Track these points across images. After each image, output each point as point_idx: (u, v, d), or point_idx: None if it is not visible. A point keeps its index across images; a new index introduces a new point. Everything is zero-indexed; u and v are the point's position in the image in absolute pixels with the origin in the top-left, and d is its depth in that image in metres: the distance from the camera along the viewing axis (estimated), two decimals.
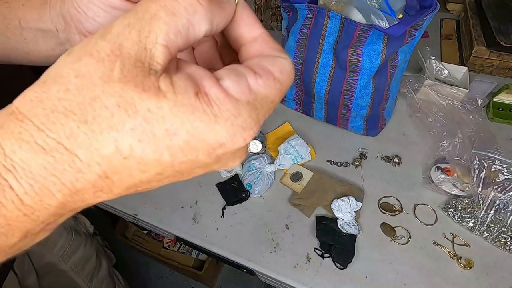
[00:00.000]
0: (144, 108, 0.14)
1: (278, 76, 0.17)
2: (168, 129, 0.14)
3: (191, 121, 0.15)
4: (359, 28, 0.61)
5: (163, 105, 0.14)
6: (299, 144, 0.74)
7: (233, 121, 0.15)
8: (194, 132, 0.15)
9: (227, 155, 0.17)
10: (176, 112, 0.15)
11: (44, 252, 0.74)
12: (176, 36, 0.16)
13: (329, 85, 0.72)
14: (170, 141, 0.15)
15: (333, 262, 0.62)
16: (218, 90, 0.16)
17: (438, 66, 0.87)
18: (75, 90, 0.14)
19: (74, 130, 0.14)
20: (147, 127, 0.14)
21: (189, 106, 0.15)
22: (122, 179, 0.15)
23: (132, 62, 0.15)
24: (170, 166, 0.15)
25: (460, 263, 0.61)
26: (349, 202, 0.65)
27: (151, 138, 0.14)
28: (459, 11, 1.13)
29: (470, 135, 0.73)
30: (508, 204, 0.63)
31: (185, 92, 0.15)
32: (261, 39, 0.19)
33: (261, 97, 0.17)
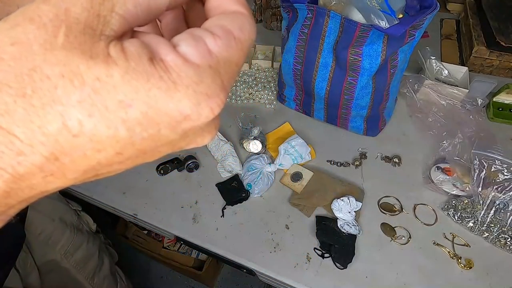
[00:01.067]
0: (92, 77, 0.12)
1: (238, 35, 0.16)
2: (121, 100, 0.13)
3: (146, 89, 0.13)
4: (359, 28, 0.61)
5: (113, 73, 0.13)
6: (299, 144, 0.74)
7: (195, 88, 0.14)
8: (151, 102, 0.13)
9: (195, 130, 0.15)
10: (129, 80, 0.13)
11: (46, 250, 0.74)
12: (136, 7, 0.14)
13: (329, 85, 0.72)
14: (125, 114, 0.13)
15: (333, 262, 0.62)
16: (175, 56, 0.14)
17: (438, 66, 0.87)
18: (11, 60, 0.12)
19: (10, 106, 0.12)
20: (97, 99, 0.12)
21: (143, 72, 0.13)
22: (75, 161, 0.13)
23: (80, 28, 0.13)
24: (129, 144, 0.14)
25: (460, 263, 0.61)
26: (349, 202, 0.65)
27: (103, 111, 0.13)
28: (459, 11, 1.13)
29: (470, 135, 0.73)
30: (508, 204, 0.63)
31: (138, 58, 0.13)
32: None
33: (223, 60, 0.15)
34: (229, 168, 0.74)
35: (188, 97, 0.14)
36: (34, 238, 0.72)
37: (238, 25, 0.16)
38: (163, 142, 0.15)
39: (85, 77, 0.12)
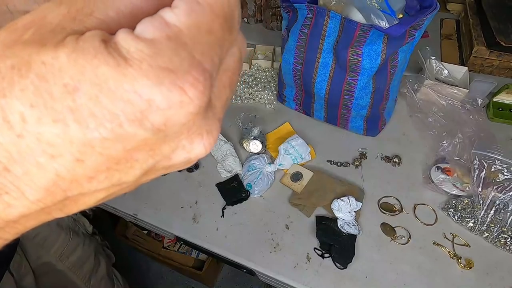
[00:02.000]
0: (38, 62, 0.11)
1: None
2: (66, 83, 0.11)
3: (94, 66, 0.11)
4: (359, 28, 0.61)
5: (59, 54, 0.11)
6: (299, 144, 0.74)
7: (150, 61, 0.11)
8: (100, 81, 0.11)
9: (174, 127, 0.12)
10: (75, 59, 0.11)
11: (41, 253, 0.74)
12: (118, 15, 0.13)
13: (329, 85, 0.72)
14: (72, 101, 0.11)
15: (333, 262, 0.62)
16: (127, 34, 0.12)
17: (438, 66, 0.87)
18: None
19: None
20: (40, 85, 0.11)
21: (90, 49, 0.11)
22: (29, 172, 0.11)
23: (51, 28, 0.12)
24: (88, 146, 0.11)
25: (460, 263, 0.61)
26: (349, 202, 0.65)
27: (47, 99, 0.11)
28: (459, 11, 1.13)
29: (470, 135, 0.73)
30: (508, 204, 0.63)
31: (90, 38, 0.11)
32: None
33: (187, 28, 0.12)
34: (229, 168, 0.74)
35: (144, 73, 0.11)
36: (29, 241, 0.72)
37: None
38: (134, 143, 0.12)
39: (32, 63, 0.11)
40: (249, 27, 1.14)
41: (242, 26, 1.16)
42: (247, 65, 0.96)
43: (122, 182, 0.13)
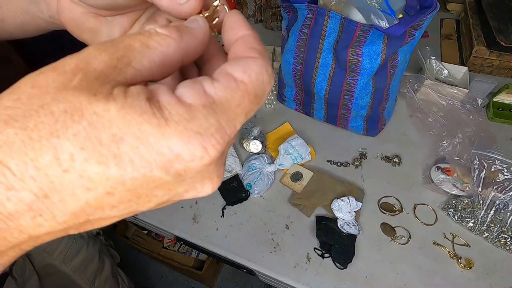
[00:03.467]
0: (91, 112, 0.13)
1: (240, 77, 0.16)
2: (114, 133, 0.13)
3: (138, 123, 0.13)
4: (359, 28, 0.61)
5: (110, 107, 0.13)
6: (299, 144, 0.74)
7: (186, 124, 0.14)
8: (142, 136, 0.13)
9: (191, 173, 0.15)
10: (124, 114, 0.13)
11: (44, 256, 0.73)
12: (150, 63, 0.15)
13: (329, 85, 0.72)
14: (117, 149, 0.13)
15: (333, 262, 0.62)
16: (170, 96, 0.15)
17: (438, 66, 0.87)
18: (25, 99, 0.13)
19: (11, 137, 0.12)
20: (91, 132, 0.13)
21: (138, 108, 0.13)
22: (64, 199, 0.13)
23: (95, 75, 0.14)
24: (120, 184, 0.13)
25: (460, 263, 0.61)
26: (349, 202, 0.65)
27: (96, 144, 0.13)
28: (459, 11, 1.13)
29: (470, 135, 0.73)
30: (508, 204, 0.63)
31: (136, 96, 0.14)
32: (242, 39, 0.18)
33: (220, 100, 0.15)
34: (229, 168, 0.74)
35: (178, 133, 0.14)
36: None
37: (242, 67, 0.16)
38: (157, 184, 0.14)
39: (84, 111, 0.13)
40: None
41: None
42: None
43: (137, 211, 0.16)
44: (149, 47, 0.16)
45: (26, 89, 0.13)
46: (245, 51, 0.17)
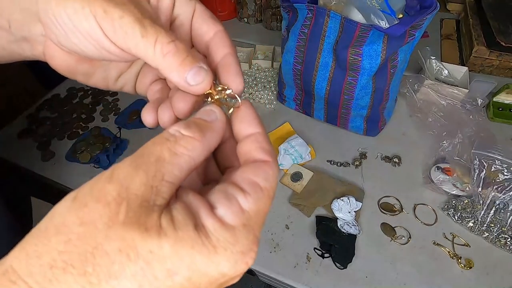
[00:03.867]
0: (146, 250, 0.14)
1: (264, 186, 0.18)
2: (169, 269, 0.14)
3: (191, 256, 0.15)
4: (359, 28, 0.61)
5: (163, 244, 0.14)
6: (299, 144, 0.74)
7: (232, 249, 0.16)
8: (194, 267, 0.15)
9: (229, 280, 0.17)
10: (177, 250, 0.15)
11: None
12: (181, 172, 0.17)
13: (329, 85, 0.72)
14: (171, 282, 0.14)
15: (333, 262, 0.62)
16: (214, 220, 0.16)
17: (438, 66, 0.87)
18: (77, 240, 0.14)
19: (71, 285, 0.13)
20: (148, 271, 0.14)
21: (188, 240, 0.15)
22: None
23: (138, 202, 0.15)
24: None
25: (460, 263, 0.61)
26: (349, 202, 0.65)
27: (152, 281, 0.14)
28: (459, 11, 1.13)
29: (470, 135, 0.73)
30: (508, 204, 0.63)
31: (185, 227, 0.15)
32: (253, 137, 0.20)
33: (254, 213, 0.17)
34: None
35: (226, 258, 0.16)
36: None
37: (264, 176, 0.18)
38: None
39: (139, 250, 0.14)
40: (249, 27, 1.14)
41: (242, 26, 1.16)
42: (247, 65, 0.96)
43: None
44: (177, 154, 0.17)
45: (74, 227, 0.14)
46: (259, 152, 0.19)
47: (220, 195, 0.17)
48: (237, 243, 0.16)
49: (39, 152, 0.79)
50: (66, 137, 0.83)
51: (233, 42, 0.25)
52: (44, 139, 0.82)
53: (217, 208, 0.17)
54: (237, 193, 0.17)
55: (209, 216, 0.16)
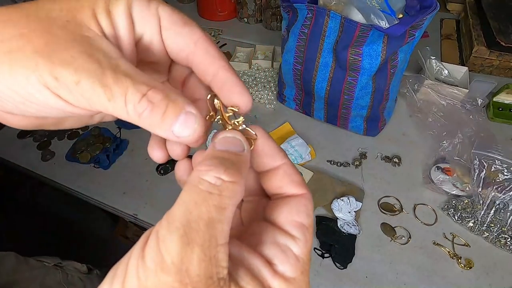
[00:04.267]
0: None
1: (308, 223, 0.18)
2: None
3: None
4: (359, 28, 0.61)
5: None
6: (299, 144, 0.74)
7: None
8: None
9: None
10: None
11: None
12: (229, 225, 0.16)
13: (329, 85, 0.72)
14: None
15: (333, 262, 0.62)
16: (279, 280, 0.16)
17: (438, 66, 0.87)
18: None
19: None
20: None
21: None
22: None
23: (203, 283, 0.14)
24: None
25: (460, 263, 0.61)
26: (349, 202, 0.65)
27: None
28: (459, 11, 1.13)
29: (470, 135, 0.73)
30: (508, 204, 0.63)
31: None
32: (282, 171, 0.20)
33: (306, 257, 0.18)
34: None
35: None
36: None
37: (305, 213, 0.19)
38: None
39: None
40: (249, 27, 1.14)
41: (242, 26, 1.16)
42: (247, 65, 0.96)
43: None
44: (223, 208, 0.15)
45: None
46: (293, 186, 0.20)
47: (275, 250, 0.17)
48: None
49: (39, 152, 0.79)
50: (66, 137, 0.83)
51: (219, 49, 0.21)
52: (44, 139, 0.82)
53: (276, 265, 0.17)
54: (289, 242, 0.17)
55: (274, 277, 0.16)
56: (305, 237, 0.18)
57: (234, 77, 0.20)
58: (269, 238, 0.18)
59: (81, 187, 0.73)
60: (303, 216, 0.18)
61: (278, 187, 0.20)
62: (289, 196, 0.19)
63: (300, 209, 0.18)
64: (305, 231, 0.18)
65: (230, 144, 0.18)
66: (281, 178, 0.19)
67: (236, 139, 0.18)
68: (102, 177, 0.74)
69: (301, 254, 0.17)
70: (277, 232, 0.18)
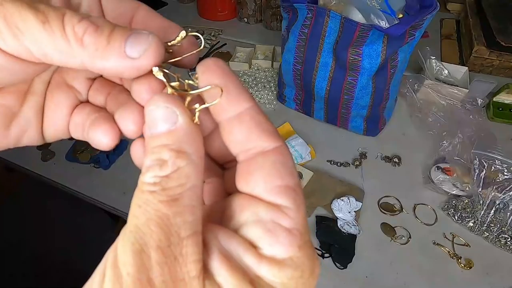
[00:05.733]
0: None
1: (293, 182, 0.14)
2: None
3: None
4: (359, 28, 0.61)
5: None
6: (299, 144, 0.74)
7: (300, 280, 0.13)
8: None
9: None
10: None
11: None
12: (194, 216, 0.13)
13: (329, 85, 0.72)
14: None
15: (333, 262, 0.62)
16: (268, 265, 0.13)
17: (438, 66, 0.87)
18: None
19: None
20: None
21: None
22: None
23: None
24: None
25: (460, 263, 0.61)
26: (349, 202, 0.65)
27: None
28: (459, 11, 1.13)
29: (470, 135, 0.73)
30: (508, 204, 0.63)
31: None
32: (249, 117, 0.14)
33: (302, 226, 0.14)
34: None
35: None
36: None
37: (288, 171, 0.14)
38: None
39: None
40: (249, 27, 1.14)
41: (242, 26, 1.16)
42: (247, 65, 0.96)
43: None
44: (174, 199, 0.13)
45: None
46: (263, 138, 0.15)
47: (257, 229, 0.14)
48: (302, 272, 0.13)
49: (39, 152, 0.79)
50: None
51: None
52: None
53: (262, 249, 0.13)
54: (276, 215, 0.14)
55: (260, 264, 0.13)
56: (296, 202, 0.14)
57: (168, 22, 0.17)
58: (247, 216, 0.14)
59: (81, 187, 0.73)
60: (286, 176, 0.14)
61: (243, 142, 0.14)
62: (259, 153, 0.14)
63: (280, 168, 0.14)
64: (294, 194, 0.14)
65: (160, 120, 0.14)
66: (248, 126, 0.14)
67: (164, 108, 0.14)
68: (102, 177, 0.74)
69: (295, 225, 0.13)
70: (256, 205, 0.14)
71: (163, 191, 0.13)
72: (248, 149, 0.15)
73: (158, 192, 0.13)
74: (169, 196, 0.13)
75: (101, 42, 0.14)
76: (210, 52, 1.03)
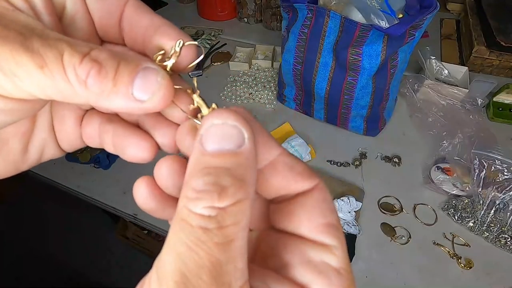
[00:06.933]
0: None
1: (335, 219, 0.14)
2: None
3: None
4: (359, 28, 0.61)
5: None
6: (299, 144, 0.74)
7: None
8: None
9: None
10: None
11: None
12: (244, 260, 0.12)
13: (329, 85, 0.72)
14: None
15: None
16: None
17: (438, 66, 0.87)
18: None
19: None
20: None
21: None
22: None
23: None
24: None
25: (460, 263, 0.61)
26: (349, 202, 0.65)
27: None
28: (459, 11, 1.13)
29: (470, 135, 0.73)
30: (508, 204, 0.63)
31: None
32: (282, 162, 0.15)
33: (347, 265, 0.14)
34: None
35: None
36: None
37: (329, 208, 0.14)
38: None
39: None
40: (249, 27, 1.14)
41: (242, 26, 1.16)
42: (247, 65, 0.96)
43: None
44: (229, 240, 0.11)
45: None
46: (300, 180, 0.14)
47: (310, 271, 0.13)
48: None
49: None
50: None
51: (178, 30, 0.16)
52: None
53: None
54: (325, 255, 0.13)
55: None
56: (340, 240, 0.14)
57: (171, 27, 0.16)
58: (296, 257, 0.13)
59: (81, 187, 0.73)
60: (328, 214, 0.14)
61: (282, 187, 0.14)
62: (300, 194, 0.14)
63: (322, 206, 0.14)
64: (338, 232, 0.14)
65: (224, 138, 0.12)
66: (282, 174, 0.14)
67: (231, 127, 0.12)
68: (102, 177, 0.74)
69: (342, 264, 0.14)
70: (304, 245, 0.13)
71: (220, 230, 0.11)
72: (287, 194, 0.14)
73: (214, 232, 0.11)
74: (225, 237, 0.11)
75: (106, 85, 0.13)
76: (210, 52, 1.03)
